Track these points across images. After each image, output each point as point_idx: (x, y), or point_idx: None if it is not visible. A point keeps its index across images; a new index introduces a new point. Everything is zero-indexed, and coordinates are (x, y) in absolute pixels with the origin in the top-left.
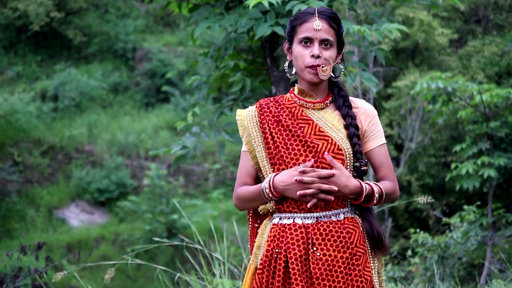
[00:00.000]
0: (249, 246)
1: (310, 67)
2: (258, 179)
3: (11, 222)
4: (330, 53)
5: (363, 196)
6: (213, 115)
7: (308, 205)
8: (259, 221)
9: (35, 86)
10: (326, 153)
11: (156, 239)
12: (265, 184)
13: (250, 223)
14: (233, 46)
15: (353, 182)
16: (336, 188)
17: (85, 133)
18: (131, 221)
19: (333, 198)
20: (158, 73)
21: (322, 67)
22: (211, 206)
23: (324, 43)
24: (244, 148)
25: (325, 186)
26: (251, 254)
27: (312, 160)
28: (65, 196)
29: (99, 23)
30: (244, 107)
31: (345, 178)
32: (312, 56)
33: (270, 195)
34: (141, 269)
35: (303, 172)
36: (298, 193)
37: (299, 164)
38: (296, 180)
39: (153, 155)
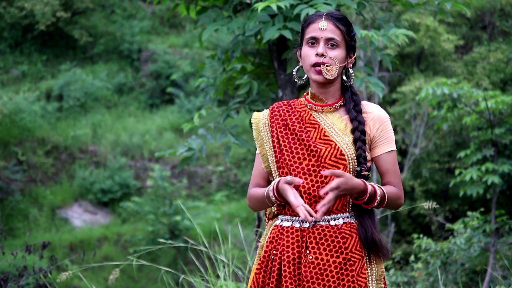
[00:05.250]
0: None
1: (314, 66)
2: (270, 181)
3: (14, 221)
4: (336, 53)
5: (367, 195)
6: (219, 118)
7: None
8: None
9: (40, 85)
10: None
11: (161, 240)
12: (270, 187)
13: (267, 224)
14: (241, 49)
15: (357, 181)
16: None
17: (89, 133)
18: (133, 222)
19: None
20: (163, 75)
21: (327, 66)
22: (214, 208)
23: (330, 42)
24: (258, 150)
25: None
26: None
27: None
28: (68, 196)
29: (105, 23)
30: (251, 110)
31: (350, 182)
32: (317, 54)
33: (273, 198)
34: (144, 270)
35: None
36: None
37: (302, 169)
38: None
39: (159, 156)
